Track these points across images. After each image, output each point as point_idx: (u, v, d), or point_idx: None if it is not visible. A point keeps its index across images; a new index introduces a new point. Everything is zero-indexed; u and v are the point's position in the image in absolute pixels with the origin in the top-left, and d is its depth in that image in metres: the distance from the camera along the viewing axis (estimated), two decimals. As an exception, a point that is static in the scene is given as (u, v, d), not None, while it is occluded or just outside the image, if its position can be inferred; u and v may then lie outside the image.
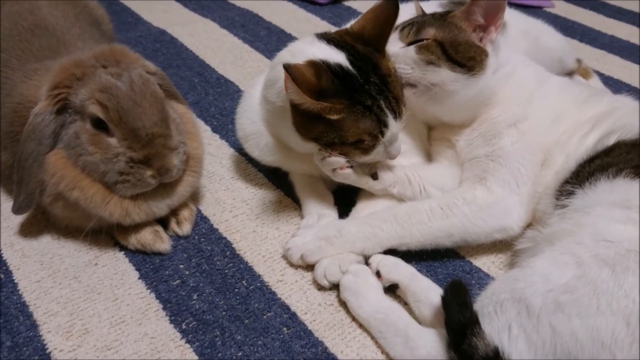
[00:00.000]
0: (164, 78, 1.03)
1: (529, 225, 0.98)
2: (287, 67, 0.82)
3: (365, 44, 0.93)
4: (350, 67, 0.90)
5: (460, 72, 0.97)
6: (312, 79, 0.84)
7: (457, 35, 0.98)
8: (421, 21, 1.01)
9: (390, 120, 0.90)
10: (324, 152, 0.92)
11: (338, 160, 0.93)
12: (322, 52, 0.91)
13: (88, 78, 0.89)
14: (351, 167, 0.96)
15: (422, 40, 0.98)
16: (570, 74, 1.43)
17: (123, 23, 1.78)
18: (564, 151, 0.98)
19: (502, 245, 1.00)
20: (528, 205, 0.98)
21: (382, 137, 0.90)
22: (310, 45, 0.94)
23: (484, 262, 0.99)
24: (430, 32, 0.98)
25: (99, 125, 0.88)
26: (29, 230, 1.02)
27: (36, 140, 0.89)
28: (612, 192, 0.83)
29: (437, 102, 1.00)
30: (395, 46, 0.99)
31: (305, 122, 0.89)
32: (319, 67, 0.87)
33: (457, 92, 0.98)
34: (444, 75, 0.96)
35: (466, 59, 0.97)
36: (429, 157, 1.11)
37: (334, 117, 0.87)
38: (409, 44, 0.99)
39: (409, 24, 1.01)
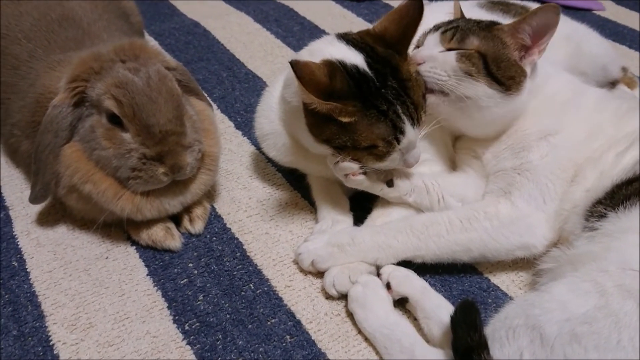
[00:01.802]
0: (185, 74, 1.03)
1: (555, 244, 0.92)
2: (294, 64, 0.79)
3: (386, 45, 0.90)
4: (367, 69, 0.86)
5: (497, 90, 0.91)
6: (323, 79, 0.82)
7: (500, 50, 0.92)
8: (466, 28, 0.95)
9: (407, 126, 0.86)
10: (337, 156, 0.90)
11: (351, 165, 0.90)
12: (339, 52, 0.88)
13: (105, 72, 0.89)
14: (365, 173, 0.93)
15: (464, 49, 0.92)
16: (614, 83, 1.35)
17: (159, 14, 1.79)
18: (597, 167, 0.92)
19: (524, 263, 0.95)
20: (554, 223, 0.92)
21: (398, 143, 0.87)
22: (329, 44, 0.91)
23: (503, 280, 0.95)
24: (474, 43, 0.92)
25: (115, 120, 0.88)
26: (45, 219, 1.03)
27: (53, 132, 0.90)
28: None
29: (465, 114, 0.95)
30: (434, 48, 0.94)
31: (317, 123, 0.87)
32: (334, 67, 0.84)
33: (488, 109, 0.93)
34: (480, 89, 0.91)
35: (506, 77, 0.92)
36: (453, 165, 1.06)
37: (346, 119, 0.84)
38: (449, 49, 0.94)
39: (453, 27, 0.95)
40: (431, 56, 0.93)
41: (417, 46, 0.98)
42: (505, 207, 0.92)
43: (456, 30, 0.94)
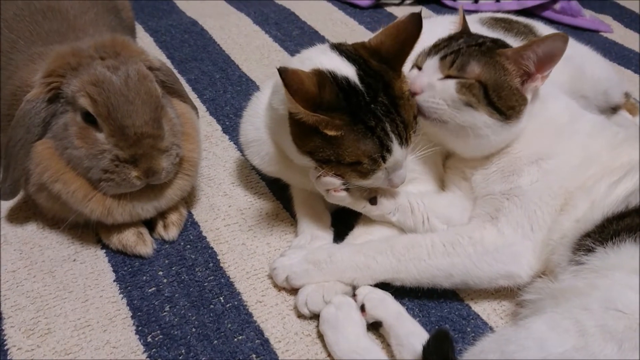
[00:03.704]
0: (169, 74, 0.99)
1: (540, 274, 0.88)
2: (283, 72, 0.76)
3: (381, 60, 0.86)
4: (358, 82, 0.83)
5: (497, 119, 0.88)
6: (312, 89, 0.78)
7: (502, 78, 0.88)
8: (466, 53, 0.90)
9: (395, 145, 0.83)
10: (319, 169, 0.86)
11: (333, 181, 0.86)
12: (331, 63, 0.85)
13: (83, 68, 0.86)
14: (347, 189, 0.89)
15: (465, 78, 0.88)
16: (615, 108, 1.31)
17: (157, 10, 1.76)
18: (588, 197, 0.88)
19: (508, 292, 0.90)
20: (541, 252, 0.88)
21: (384, 162, 0.83)
22: (321, 54, 0.88)
23: (484, 309, 0.91)
24: (475, 71, 0.88)
25: (89, 119, 0.85)
26: (16, 216, 1.00)
27: (25, 127, 0.87)
28: (636, 258, 0.73)
29: (462, 140, 0.92)
30: (433, 76, 0.90)
31: (302, 133, 0.83)
32: (324, 77, 0.81)
33: (486, 137, 0.90)
34: (480, 119, 0.88)
35: (506, 107, 0.88)
36: (441, 185, 1.03)
37: (332, 132, 0.80)
38: (448, 76, 0.89)
39: (453, 52, 0.91)
40: (430, 85, 0.89)
41: (417, 65, 0.94)
42: (491, 233, 0.89)
43: (456, 56, 0.90)
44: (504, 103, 0.88)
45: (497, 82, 0.88)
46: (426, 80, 0.89)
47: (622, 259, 0.74)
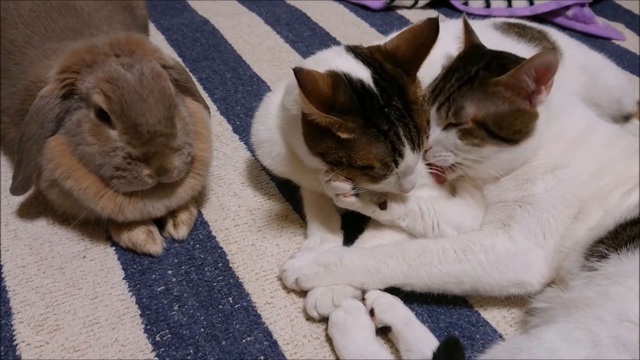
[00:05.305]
0: (183, 73, 0.99)
1: (550, 283, 0.88)
2: (298, 72, 0.75)
3: (396, 64, 0.86)
4: (372, 85, 0.83)
5: (505, 146, 0.89)
6: (326, 90, 0.78)
7: (500, 107, 0.88)
8: (459, 96, 0.89)
9: (407, 150, 0.82)
10: (330, 172, 0.86)
11: (343, 186, 0.86)
12: (346, 65, 0.84)
13: (97, 65, 0.86)
14: (357, 194, 0.89)
15: (462, 123, 0.88)
16: (627, 117, 1.30)
17: (169, 9, 1.76)
18: (602, 206, 0.87)
19: (518, 299, 0.90)
20: (552, 260, 0.88)
21: (396, 167, 0.83)
22: (336, 55, 0.87)
23: (494, 316, 0.90)
24: (470, 113, 0.88)
25: (102, 116, 0.85)
26: (26, 211, 1.00)
27: (38, 123, 0.87)
28: None
29: (483, 168, 0.92)
30: (435, 129, 0.91)
31: (314, 134, 0.83)
32: (338, 79, 0.80)
33: (505, 160, 0.90)
34: (490, 152, 0.89)
35: (511, 133, 0.88)
36: (452, 190, 1.02)
37: (344, 135, 0.80)
38: (448, 125, 0.90)
39: (446, 99, 0.90)
40: (436, 140, 0.91)
41: None
42: (503, 241, 0.88)
43: (450, 104, 0.90)
44: (507, 132, 0.88)
45: (495, 115, 0.88)
46: (432, 137, 0.91)
47: (636, 265, 0.74)
